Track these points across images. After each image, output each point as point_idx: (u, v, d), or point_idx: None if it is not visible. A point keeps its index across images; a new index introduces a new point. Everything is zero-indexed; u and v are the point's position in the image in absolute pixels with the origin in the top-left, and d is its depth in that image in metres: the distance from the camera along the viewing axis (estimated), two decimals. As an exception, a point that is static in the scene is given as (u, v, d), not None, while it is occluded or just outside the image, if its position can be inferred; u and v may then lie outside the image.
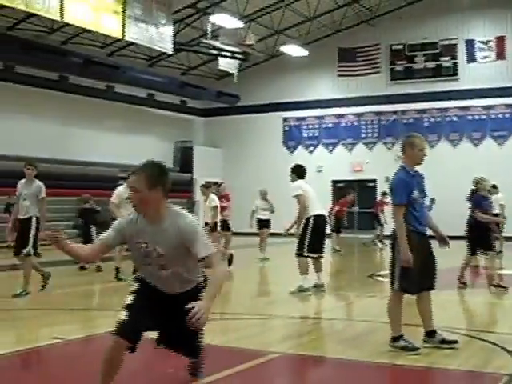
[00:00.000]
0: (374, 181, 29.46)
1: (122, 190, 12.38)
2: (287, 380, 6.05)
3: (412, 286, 6.50)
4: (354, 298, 11.26)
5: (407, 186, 6.57)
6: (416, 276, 6.45)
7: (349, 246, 20.68)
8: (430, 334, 6.75)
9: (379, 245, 22.51)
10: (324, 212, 11.48)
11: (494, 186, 18.48)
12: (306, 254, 10.74)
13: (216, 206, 14.74)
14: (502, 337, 7.23)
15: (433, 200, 25.41)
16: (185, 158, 32.03)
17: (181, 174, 31.16)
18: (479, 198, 11.73)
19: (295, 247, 10.96)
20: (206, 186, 15.30)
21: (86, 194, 15.93)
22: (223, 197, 18.24)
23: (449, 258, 9.84)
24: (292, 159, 32.13)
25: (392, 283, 6.58)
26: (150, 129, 30.26)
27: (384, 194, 21.84)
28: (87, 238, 14.80)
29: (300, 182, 11.16)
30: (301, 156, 31.85)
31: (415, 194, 6.60)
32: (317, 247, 10.88)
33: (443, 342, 6.74)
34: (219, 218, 15.19)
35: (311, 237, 10.71)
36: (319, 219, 10.94)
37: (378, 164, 29.63)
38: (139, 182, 4.47)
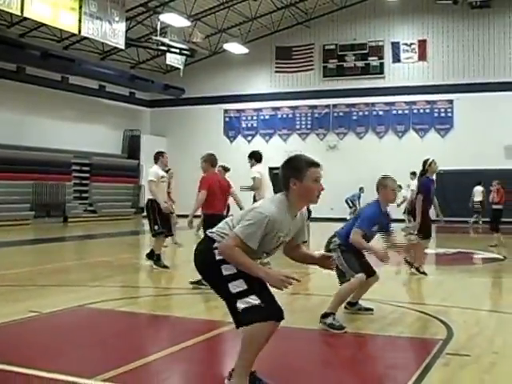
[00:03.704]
0: (307, 168, 29.71)
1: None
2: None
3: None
4: (296, 275, 11.50)
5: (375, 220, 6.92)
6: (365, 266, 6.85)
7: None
8: (353, 304, 7.21)
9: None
10: None
11: (413, 173, 19.08)
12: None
13: None
14: (433, 308, 7.61)
15: (361, 189, 25.95)
16: (132, 146, 31.96)
17: (129, 160, 31.27)
18: (428, 181, 10.40)
19: None
20: (226, 169, 12.81)
21: None
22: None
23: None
24: (232, 148, 32.34)
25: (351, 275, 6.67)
26: (101, 118, 30.05)
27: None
28: None
29: (258, 166, 11.33)
30: (240, 145, 32.06)
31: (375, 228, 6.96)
32: None
33: (361, 309, 7.20)
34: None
35: None
36: None
37: (310, 153, 29.17)
38: None
